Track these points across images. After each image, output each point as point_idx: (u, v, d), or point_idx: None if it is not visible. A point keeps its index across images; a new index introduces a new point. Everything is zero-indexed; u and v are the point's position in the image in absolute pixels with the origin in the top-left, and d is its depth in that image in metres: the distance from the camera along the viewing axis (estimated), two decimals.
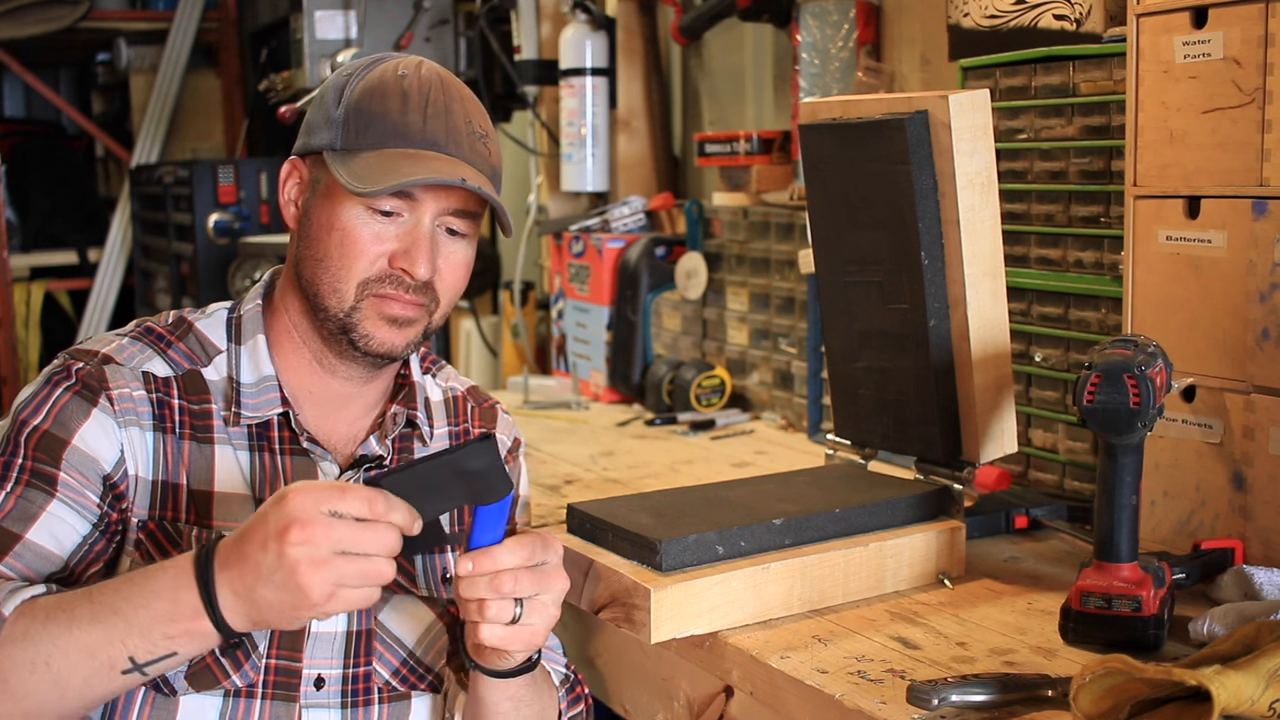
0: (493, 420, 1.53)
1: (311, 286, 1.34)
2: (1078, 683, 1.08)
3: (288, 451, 1.35)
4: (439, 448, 1.46)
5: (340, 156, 1.31)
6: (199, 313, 1.41)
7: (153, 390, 1.32)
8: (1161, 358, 1.30)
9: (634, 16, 2.91)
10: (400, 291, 1.32)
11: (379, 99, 1.32)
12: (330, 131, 1.33)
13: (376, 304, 1.32)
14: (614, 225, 2.76)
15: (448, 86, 1.34)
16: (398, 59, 1.36)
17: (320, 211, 1.33)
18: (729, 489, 1.60)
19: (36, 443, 1.27)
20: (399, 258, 1.31)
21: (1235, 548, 1.45)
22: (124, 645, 1.13)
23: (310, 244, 1.34)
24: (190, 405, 1.33)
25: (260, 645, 1.31)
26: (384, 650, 1.38)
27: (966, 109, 1.49)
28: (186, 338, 1.37)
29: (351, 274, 1.31)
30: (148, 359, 1.34)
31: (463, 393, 1.53)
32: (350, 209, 1.31)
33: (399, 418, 1.42)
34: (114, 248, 4.98)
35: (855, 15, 2.30)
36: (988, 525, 1.67)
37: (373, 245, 1.31)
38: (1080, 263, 1.75)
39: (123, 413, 1.29)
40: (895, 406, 1.60)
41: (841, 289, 1.64)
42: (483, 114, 1.38)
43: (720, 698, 1.41)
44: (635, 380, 2.63)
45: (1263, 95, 1.41)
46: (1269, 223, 1.42)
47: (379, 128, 1.31)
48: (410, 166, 1.28)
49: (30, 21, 4.79)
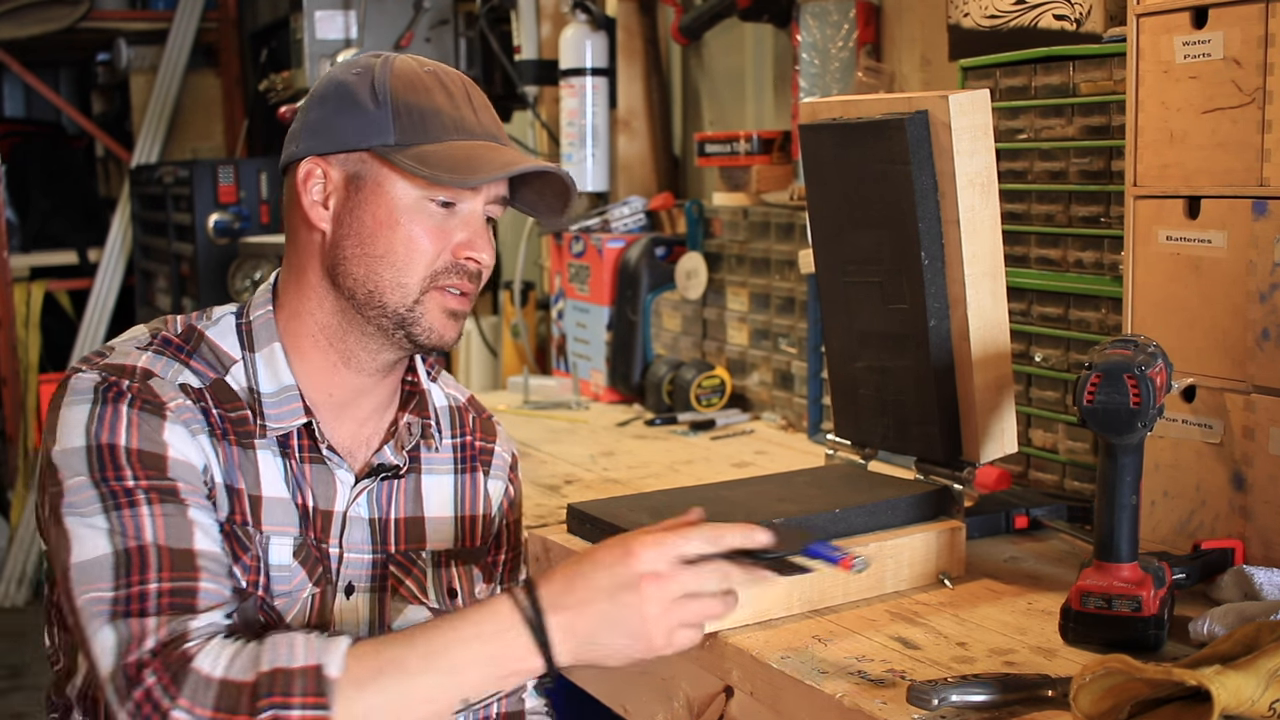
0: (492, 433, 1.53)
1: (367, 284, 1.32)
2: (1078, 683, 1.08)
3: (307, 460, 1.35)
4: (441, 458, 1.46)
5: (399, 151, 1.30)
6: (205, 319, 1.37)
7: (194, 400, 1.29)
8: (1161, 358, 1.30)
9: (634, 16, 2.91)
10: (464, 281, 1.33)
11: (424, 93, 1.31)
12: (373, 127, 1.30)
13: (439, 298, 1.32)
14: (614, 225, 2.76)
15: (465, 80, 1.36)
16: (396, 55, 1.36)
17: (373, 207, 1.31)
18: (729, 489, 1.60)
19: (139, 459, 1.22)
20: (463, 247, 1.32)
21: (1235, 548, 1.45)
22: (459, 689, 1.14)
23: (363, 241, 1.32)
24: (228, 413, 1.31)
25: None
26: None
27: (966, 109, 1.49)
28: (200, 348, 1.34)
29: (418, 268, 1.31)
30: (179, 371, 1.31)
31: (464, 403, 1.52)
32: (414, 202, 1.31)
33: (414, 428, 1.42)
34: (114, 248, 4.98)
35: (855, 15, 2.30)
36: (988, 525, 1.67)
37: (439, 238, 1.31)
38: (1080, 263, 1.75)
39: (187, 422, 1.27)
40: (895, 406, 1.60)
41: (841, 289, 1.64)
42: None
43: (720, 698, 1.41)
44: (635, 380, 2.63)
45: (1263, 95, 1.41)
46: (1269, 223, 1.42)
47: (436, 121, 1.31)
48: (493, 157, 1.30)
49: (30, 21, 4.80)
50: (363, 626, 1.38)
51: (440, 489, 1.45)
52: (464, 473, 1.48)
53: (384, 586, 1.40)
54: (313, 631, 1.16)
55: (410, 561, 1.41)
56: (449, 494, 1.46)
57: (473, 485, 1.48)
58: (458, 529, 1.45)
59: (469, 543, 1.46)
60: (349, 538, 1.37)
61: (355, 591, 1.37)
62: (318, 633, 1.15)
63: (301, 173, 1.34)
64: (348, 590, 1.37)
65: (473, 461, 1.49)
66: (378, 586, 1.39)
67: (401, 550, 1.41)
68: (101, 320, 4.96)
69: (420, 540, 1.42)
